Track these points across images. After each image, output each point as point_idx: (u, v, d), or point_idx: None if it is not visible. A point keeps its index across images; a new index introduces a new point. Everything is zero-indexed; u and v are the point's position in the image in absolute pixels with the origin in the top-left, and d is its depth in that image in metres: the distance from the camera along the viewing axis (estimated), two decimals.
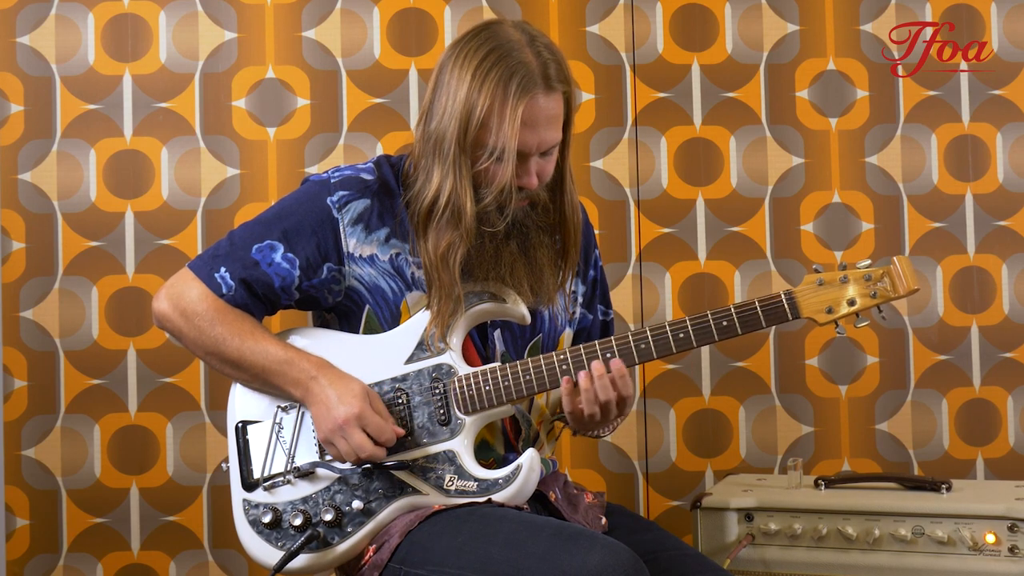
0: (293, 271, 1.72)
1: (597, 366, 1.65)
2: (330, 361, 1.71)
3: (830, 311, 1.66)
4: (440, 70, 1.71)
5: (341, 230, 1.72)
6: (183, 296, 1.72)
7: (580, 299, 1.90)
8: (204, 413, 2.56)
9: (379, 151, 2.59)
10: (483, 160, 1.66)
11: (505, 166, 1.65)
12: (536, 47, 1.67)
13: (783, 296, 1.66)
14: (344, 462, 1.67)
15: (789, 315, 1.66)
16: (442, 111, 1.67)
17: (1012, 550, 1.95)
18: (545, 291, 1.75)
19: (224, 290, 1.71)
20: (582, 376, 1.65)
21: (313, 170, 2.58)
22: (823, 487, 2.16)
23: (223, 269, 1.71)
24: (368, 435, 1.64)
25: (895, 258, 1.65)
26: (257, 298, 1.73)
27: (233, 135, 2.59)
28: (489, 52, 1.65)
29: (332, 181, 1.75)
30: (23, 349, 2.54)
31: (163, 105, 2.58)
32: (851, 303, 1.66)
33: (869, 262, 1.66)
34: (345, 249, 1.73)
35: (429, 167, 1.69)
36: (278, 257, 1.71)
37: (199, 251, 2.55)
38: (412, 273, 1.74)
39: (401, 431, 1.67)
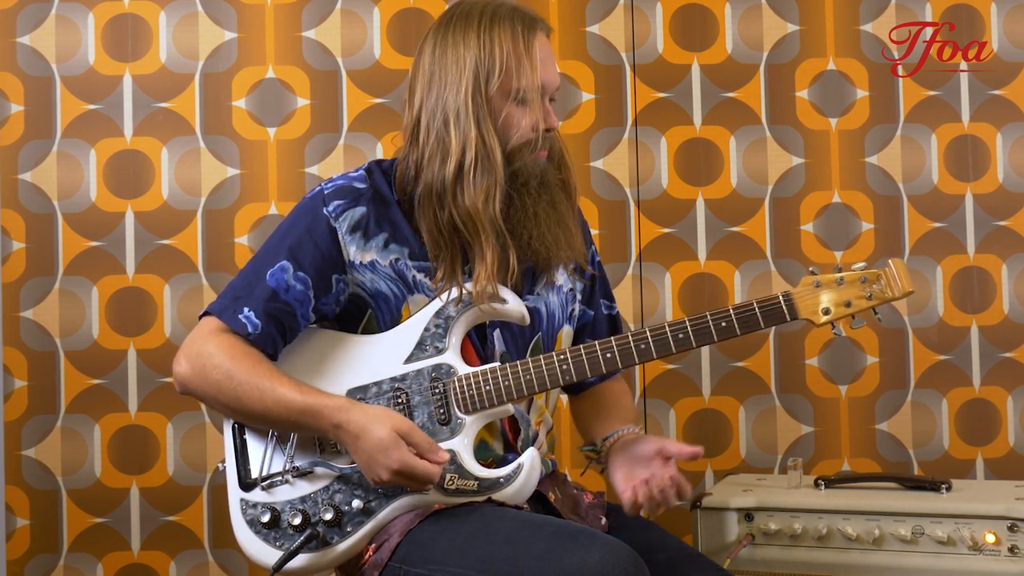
0: (307, 292, 1.70)
1: None
2: (327, 361, 1.71)
3: (827, 312, 1.68)
4: (429, 58, 1.73)
5: (340, 239, 1.72)
6: (201, 354, 1.68)
7: (578, 296, 1.90)
8: (204, 413, 2.56)
9: (379, 151, 2.59)
10: (504, 108, 1.70)
11: (533, 105, 1.70)
12: (508, 3, 1.75)
13: (781, 297, 1.68)
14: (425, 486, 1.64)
15: (787, 316, 1.68)
16: (441, 85, 1.70)
17: (1012, 550, 1.95)
18: (578, 249, 1.80)
19: (250, 329, 1.68)
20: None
21: (313, 170, 2.58)
22: (823, 487, 2.16)
23: (246, 309, 1.69)
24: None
25: (890, 261, 1.68)
26: (282, 333, 1.71)
27: (233, 135, 2.58)
28: (480, 15, 1.72)
29: (326, 192, 1.74)
30: (23, 349, 2.54)
31: (163, 105, 2.58)
32: (847, 304, 1.68)
33: (864, 264, 1.69)
34: (346, 257, 1.72)
35: (442, 141, 1.69)
36: (290, 278, 1.70)
37: (199, 251, 2.55)
38: (413, 277, 1.74)
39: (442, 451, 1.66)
